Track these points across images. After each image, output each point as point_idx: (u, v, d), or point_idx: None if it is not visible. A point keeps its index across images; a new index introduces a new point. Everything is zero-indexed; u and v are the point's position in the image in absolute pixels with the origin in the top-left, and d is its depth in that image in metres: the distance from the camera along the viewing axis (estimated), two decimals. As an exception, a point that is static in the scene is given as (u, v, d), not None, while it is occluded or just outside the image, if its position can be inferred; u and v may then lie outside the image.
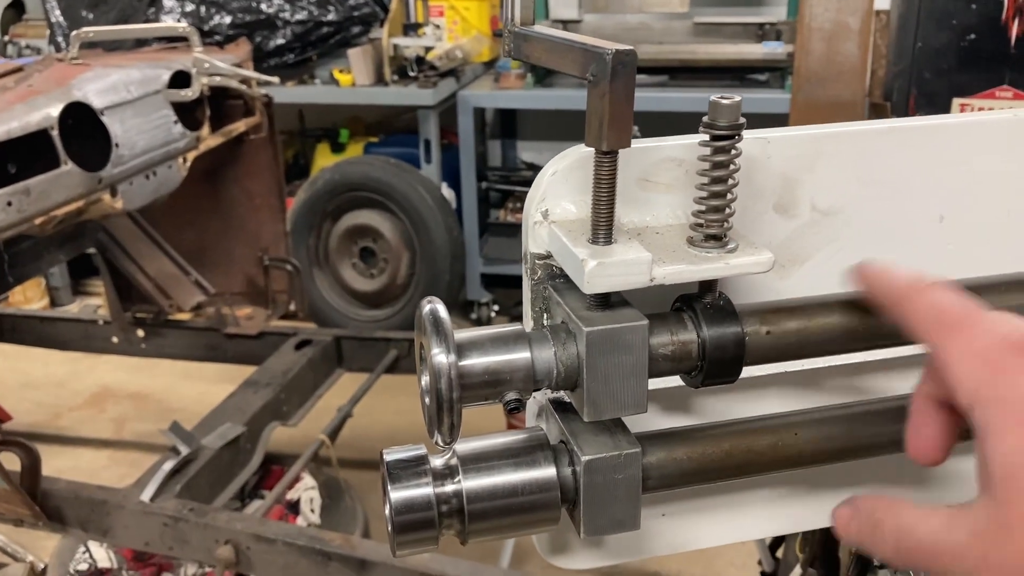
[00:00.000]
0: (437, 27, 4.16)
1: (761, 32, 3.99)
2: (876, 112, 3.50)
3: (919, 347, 0.61)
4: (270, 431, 2.62)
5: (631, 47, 0.47)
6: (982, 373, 0.44)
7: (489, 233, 4.51)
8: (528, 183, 4.92)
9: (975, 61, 3.19)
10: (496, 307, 4.45)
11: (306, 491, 2.76)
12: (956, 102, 3.31)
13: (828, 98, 3.65)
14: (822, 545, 1.88)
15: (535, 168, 4.69)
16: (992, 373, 0.43)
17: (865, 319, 0.55)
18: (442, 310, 0.52)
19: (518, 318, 0.61)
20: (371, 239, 4.18)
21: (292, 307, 3.14)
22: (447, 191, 4.23)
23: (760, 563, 2.42)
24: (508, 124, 4.87)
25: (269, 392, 2.70)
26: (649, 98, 3.75)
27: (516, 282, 0.56)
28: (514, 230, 4.38)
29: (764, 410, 0.61)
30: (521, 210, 4.53)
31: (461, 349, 0.51)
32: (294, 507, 2.74)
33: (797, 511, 0.69)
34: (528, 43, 0.53)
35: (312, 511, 2.72)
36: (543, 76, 4.15)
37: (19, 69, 2.34)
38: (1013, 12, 3.10)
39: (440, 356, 0.49)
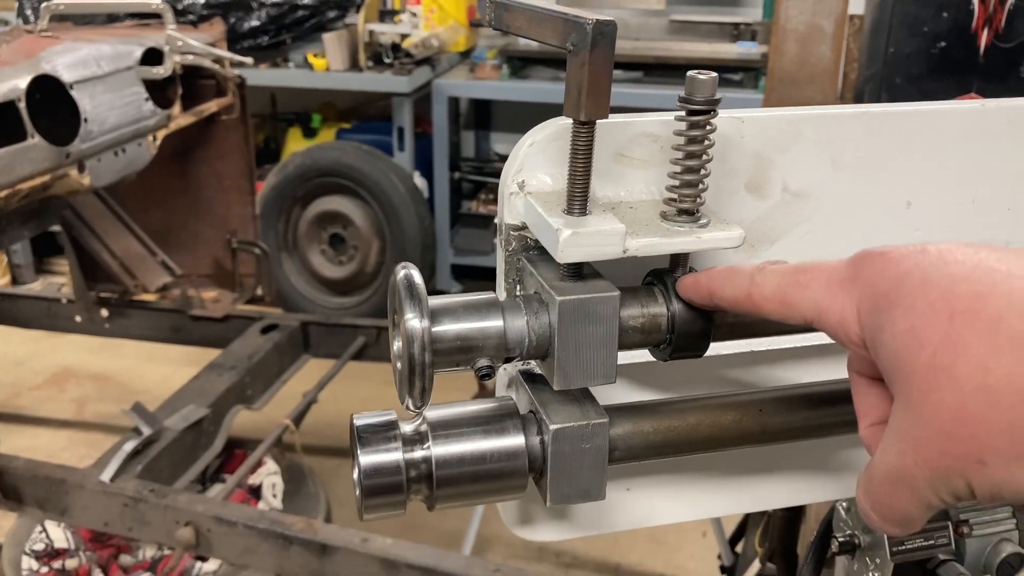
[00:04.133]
0: (414, 15, 4.14)
1: (736, 32, 4.02)
2: (846, 115, 3.53)
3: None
4: (234, 415, 2.60)
5: (611, 18, 0.47)
6: (847, 288, 0.45)
7: (460, 224, 4.51)
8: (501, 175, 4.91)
9: (945, 68, 3.23)
10: (465, 298, 4.45)
11: (268, 476, 2.74)
12: (925, 108, 3.34)
13: (801, 99, 3.68)
14: (781, 540, 1.90)
15: (508, 160, 4.69)
16: (854, 275, 0.45)
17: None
18: (416, 275, 0.52)
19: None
20: (341, 226, 4.16)
21: (259, 291, 3.11)
22: (419, 180, 4.22)
23: (719, 557, 2.45)
24: (482, 115, 4.87)
25: (234, 375, 2.68)
26: (624, 94, 3.77)
27: (486, 274, 0.56)
28: (486, 221, 4.38)
29: (731, 388, 0.62)
30: (493, 202, 4.54)
31: (434, 315, 0.51)
32: (256, 492, 2.72)
33: (758, 490, 0.70)
34: (508, 13, 0.54)
35: (274, 496, 2.70)
36: (519, 68, 4.15)
37: (-14, 39, 2.30)
38: (983, 21, 3.15)
39: (414, 321, 0.49)
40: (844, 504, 0.93)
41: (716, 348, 0.57)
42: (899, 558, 0.88)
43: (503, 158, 4.71)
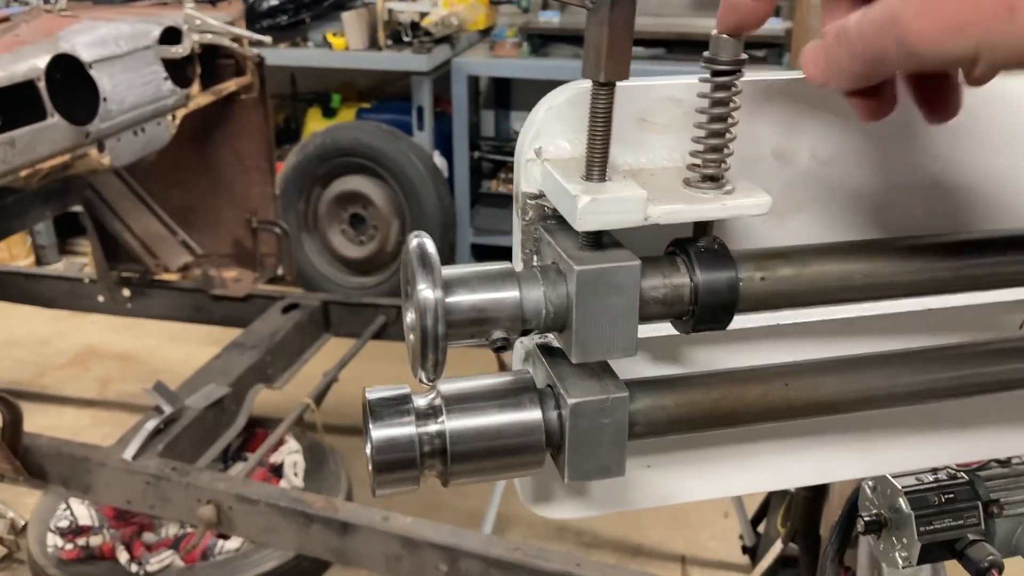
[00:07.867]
0: (433, -7, 4.12)
1: (760, 8, 3.96)
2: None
3: (914, 302, 0.61)
4: (255, 393, 2.61)
5: (632, -26, 0.45)
6: None
7: (480, 203, 4.49)
8: (521, 154, 4.87)
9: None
10: (485, 278, 4.44)
11: (290, 455, 2.75)
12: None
13: (825, 76, 3.65)
14: (803, 520, 1.88)
15: (528, 139, 4.66)
16: None
17: (861, 267, 0.54)
18: (430, 244, 0.50)
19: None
20: (361, 205, 4.15)
21: (280, 271, 3.12)
22: (439, 159, 4.20)
23: (741, 537, 2.44)
24: (502, 94, 4.84)
25: (255, 354, 2.68)
26: (645, 71, 3.72)
27: (506, 254, 0.54)
28: (506, 201, 4.36)
29: (755, 363, 0.60)
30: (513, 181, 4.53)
31: (448, 285, 0.50)
32: (277, 470, 2.73)
33: (783, 467, 0.68)
34: (525, -28, 0.52)
35: (295, 475, 2.71)
36: (539, 46, 4.11)
37: (6, 19, 2.30)
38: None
39: (426, 291, 0.48)
40: (870, 483, 0.91)
41: (740, 321, 0.55)
42: (927, 538, 0.86)
43: (523, 137, 4.71)
